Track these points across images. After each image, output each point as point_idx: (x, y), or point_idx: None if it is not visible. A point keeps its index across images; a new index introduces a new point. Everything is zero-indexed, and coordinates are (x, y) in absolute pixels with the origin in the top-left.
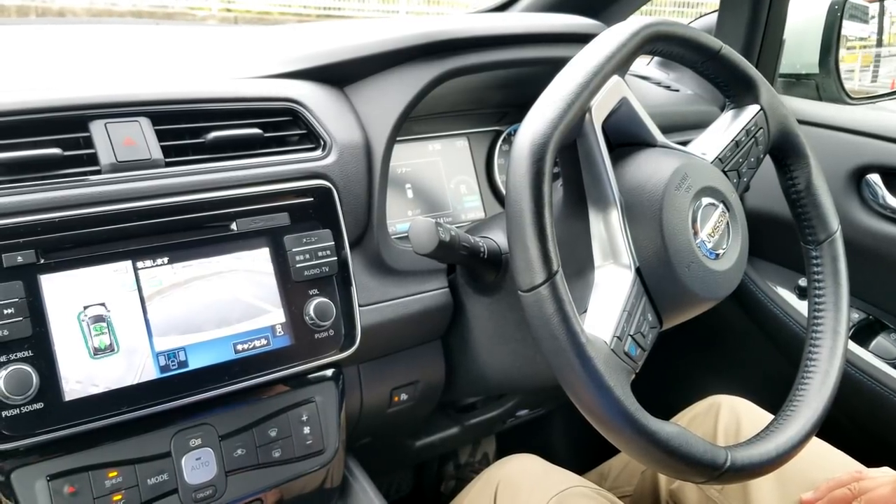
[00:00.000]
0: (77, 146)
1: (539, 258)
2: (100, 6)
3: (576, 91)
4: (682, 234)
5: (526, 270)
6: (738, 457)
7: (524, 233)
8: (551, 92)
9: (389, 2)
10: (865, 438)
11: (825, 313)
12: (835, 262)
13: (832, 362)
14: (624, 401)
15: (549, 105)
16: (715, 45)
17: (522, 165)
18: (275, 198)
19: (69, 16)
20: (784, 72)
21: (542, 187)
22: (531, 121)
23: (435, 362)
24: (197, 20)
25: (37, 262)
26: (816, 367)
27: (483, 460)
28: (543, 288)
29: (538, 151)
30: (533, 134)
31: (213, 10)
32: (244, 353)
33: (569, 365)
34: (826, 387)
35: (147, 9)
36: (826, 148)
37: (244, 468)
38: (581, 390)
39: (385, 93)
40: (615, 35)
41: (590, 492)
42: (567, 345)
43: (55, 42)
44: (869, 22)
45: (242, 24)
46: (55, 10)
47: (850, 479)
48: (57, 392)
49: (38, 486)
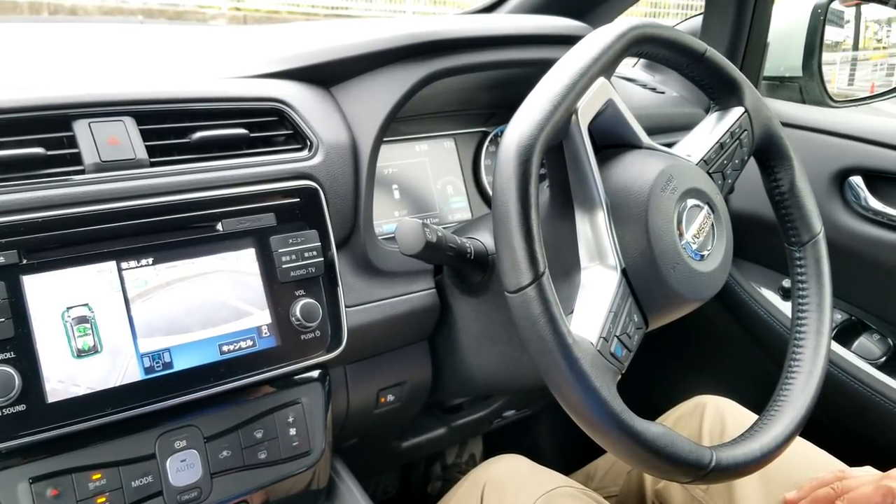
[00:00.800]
0: (60, 146)
1: (526, 259)
2: (111, 4)
3: (562, 93)
4: (668, 236)
5: (513, 271)
6: (723, 457)
7: (511, 234)
8: (538, 94)
9: (396, 1)
10: (848, 438)
11: (808, 314)
12: (818, 263)
13: (816, 362)
14: (610, 401)
15: (536, 107)
16: (700, 47)
17: (509, 167)
18: (261, 198)
19: (81, 13)
20: (768, 75)
21: (528, 188)
22: (518, 122)
23: (422, 363)
24: (206, 19)
25: (19, 263)
26: (800, 367)
27: (470, 461)
28: (530, 289)
29: (525, 153)
30: (519, 136)
31: (222, 9)
32: (230, 355)
33: (555, 366)
34: (810, 386)
35: (157, 7)
36: (809, 150)
37: (230, 470)
38: (567, 391)
39: (372, 93)
40: (601, 37)
41: (576, 492)
42: (553, 346)
43: (42, 41)
44: (844, 26)
45: (251, 23)
46: (67, 8)
47: (833, 479)
48: (40, 393)
49: (20, 489)
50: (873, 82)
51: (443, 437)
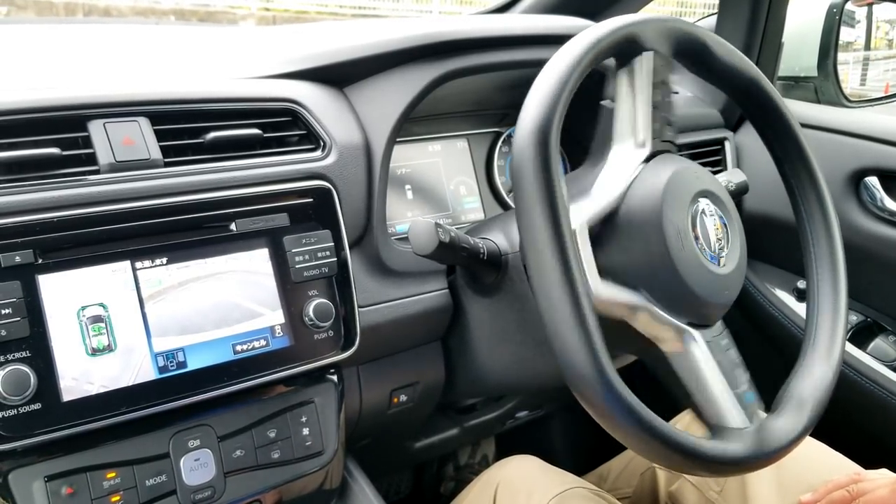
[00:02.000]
0: (76, 146)
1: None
2: (143, 4)
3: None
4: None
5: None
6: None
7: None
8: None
9: (423, 1)
10: (864, 440)
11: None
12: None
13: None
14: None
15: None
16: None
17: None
18: (274, 198)
19: (115, 14)
20: (783, 74)
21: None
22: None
23: (434, 363)
24: (237, 19)
25: (35, 262)
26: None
27: (482, 461)
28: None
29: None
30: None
31: (252, 10)
32: (243, 354)
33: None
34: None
35: (189, 7)
36: (825, 151)
37: (243, 469)
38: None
39: (385, 93)
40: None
41: (589, 493)
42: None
43: (59, 41)
44: (855, 26)
45: (280, 23)
46: (101, 9)
47: (849, 482)
48: (55, 392)
49: (35, 487)
50: (888, 82)
51: (455, 437)
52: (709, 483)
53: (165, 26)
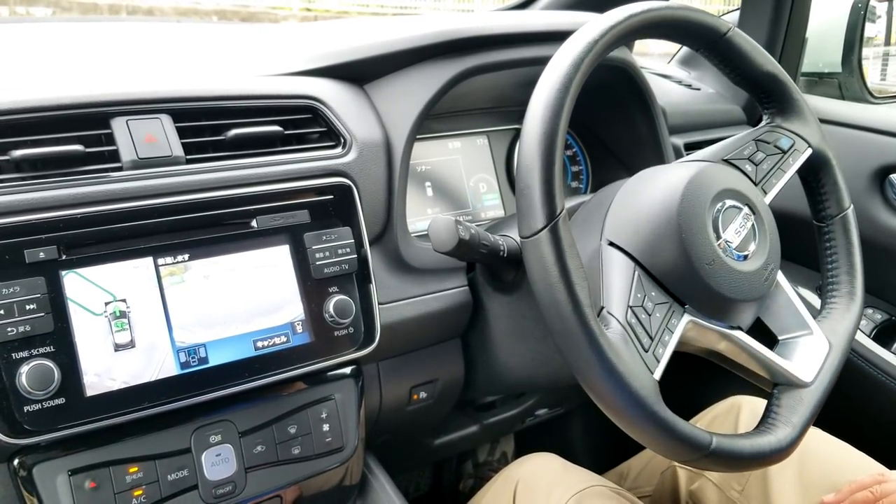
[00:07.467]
0: (99, 143)
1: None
2: (185, 5)
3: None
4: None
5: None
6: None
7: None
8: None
9: (465, 0)
10: (888, 441)
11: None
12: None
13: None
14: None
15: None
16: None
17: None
18: (295, 195)
19: (157, 14)
20: (807, 70)
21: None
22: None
23: (454, 361)
24: (278, 19)
25: (59, 258)
26: None
27: (502, 459)
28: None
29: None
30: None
31: (293, 10)
32: (264, 350)
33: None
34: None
35: (230, 8)
36: (849, 147)
37: (264, 465)
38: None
39: (405, 91)
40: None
41: (609, 491)
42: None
43: (84, 39)
44: (876, 21)
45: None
46: (144, 9)
47: (873, 482)
48: (78, 387)
49: (59, 481)
50: None
51: (475, 434)
52: (730, 482)
53: (188, 24)
